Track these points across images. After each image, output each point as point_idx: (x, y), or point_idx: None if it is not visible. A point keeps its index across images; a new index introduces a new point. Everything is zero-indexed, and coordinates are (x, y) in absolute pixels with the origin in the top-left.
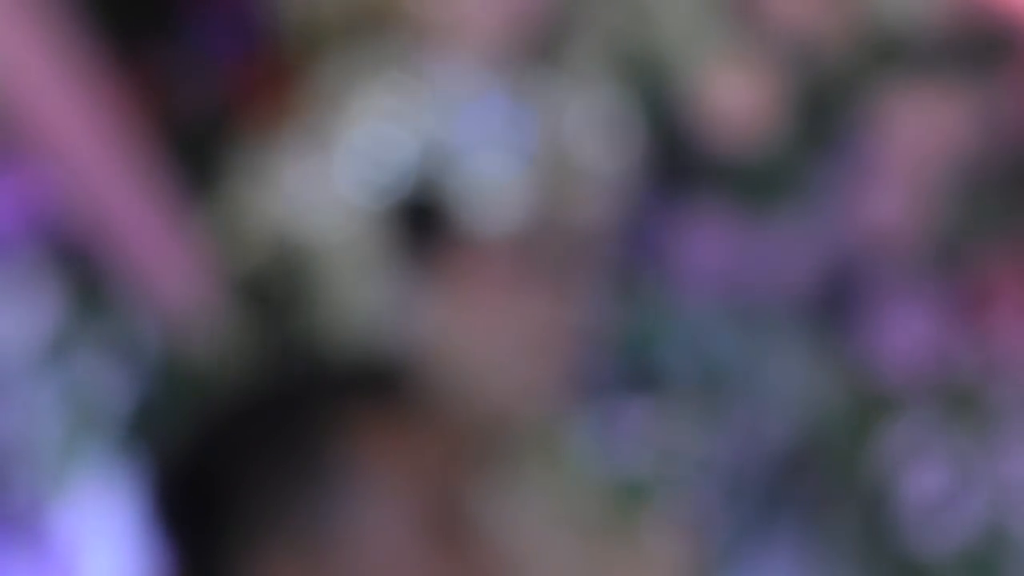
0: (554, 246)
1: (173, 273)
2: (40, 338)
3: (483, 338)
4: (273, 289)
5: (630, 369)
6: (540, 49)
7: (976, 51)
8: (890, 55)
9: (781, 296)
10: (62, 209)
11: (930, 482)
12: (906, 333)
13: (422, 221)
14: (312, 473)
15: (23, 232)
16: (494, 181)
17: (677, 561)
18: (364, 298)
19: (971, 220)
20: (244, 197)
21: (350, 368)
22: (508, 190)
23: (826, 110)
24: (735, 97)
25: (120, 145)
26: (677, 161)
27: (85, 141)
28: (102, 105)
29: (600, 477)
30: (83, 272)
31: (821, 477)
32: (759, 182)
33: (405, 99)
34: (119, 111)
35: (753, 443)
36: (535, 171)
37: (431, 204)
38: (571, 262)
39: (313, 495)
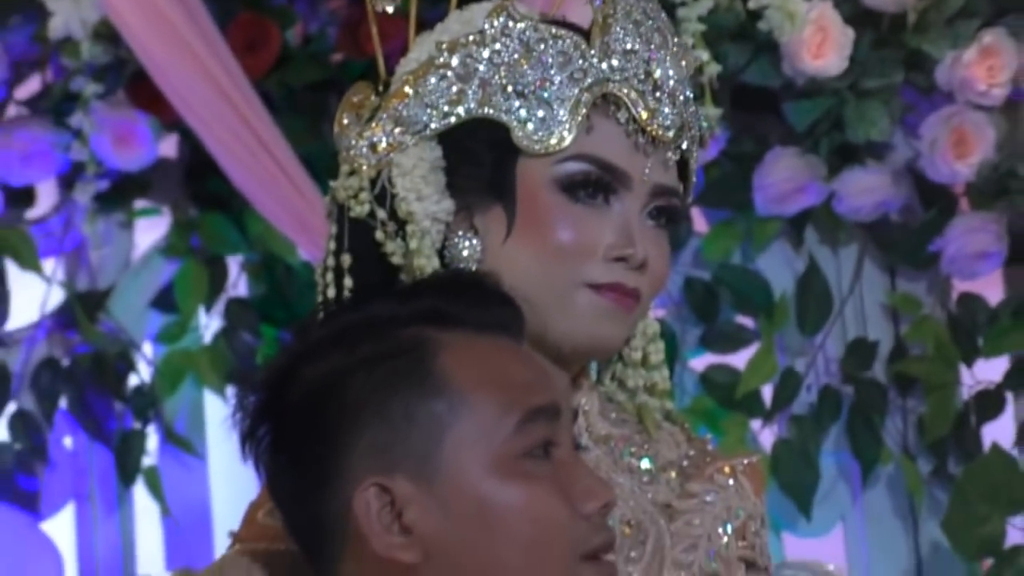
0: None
1: (286, 207)
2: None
3: (553, 264)
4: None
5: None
6: None
7: None
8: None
9: (863, 225)
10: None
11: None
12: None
13: (487, 147)
14: (412, 389)
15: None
16: (559, 112)
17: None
18: (440, 224)
19: None
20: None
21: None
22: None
23: (901, 48)
24: (814, 29)
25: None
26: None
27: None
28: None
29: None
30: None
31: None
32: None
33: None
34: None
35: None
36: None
37: (496, 133)
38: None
39: (412, 412)
